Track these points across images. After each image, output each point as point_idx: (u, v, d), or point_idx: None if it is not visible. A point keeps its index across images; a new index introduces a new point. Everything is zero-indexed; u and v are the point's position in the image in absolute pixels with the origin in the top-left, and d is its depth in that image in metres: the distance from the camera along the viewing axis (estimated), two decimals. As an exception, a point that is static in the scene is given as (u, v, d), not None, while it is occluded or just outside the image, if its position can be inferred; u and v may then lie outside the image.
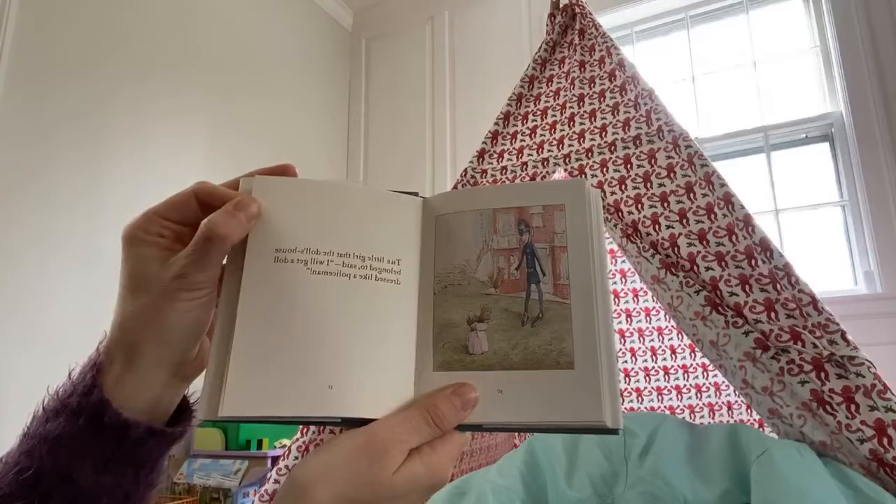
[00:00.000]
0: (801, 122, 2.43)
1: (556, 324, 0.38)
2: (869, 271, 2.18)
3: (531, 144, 1.07)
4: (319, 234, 0.39)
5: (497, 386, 0.37)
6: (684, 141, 0.88)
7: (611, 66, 1.05)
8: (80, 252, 2.00)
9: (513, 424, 0.37)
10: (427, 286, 0.41)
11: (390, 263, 0.40)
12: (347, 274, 0.38)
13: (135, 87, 2.26)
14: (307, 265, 0.38)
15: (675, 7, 2.77)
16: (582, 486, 0.78)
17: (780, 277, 0.73)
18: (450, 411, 0.36)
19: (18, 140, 1.88)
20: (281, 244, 0.38)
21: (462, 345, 0.39)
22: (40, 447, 0.36)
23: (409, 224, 0.42)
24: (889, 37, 2.28)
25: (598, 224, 0.40)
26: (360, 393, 0.37)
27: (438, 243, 0.41)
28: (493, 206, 0.41)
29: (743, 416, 1.23)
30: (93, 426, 0.36)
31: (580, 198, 0.40)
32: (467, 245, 0.41)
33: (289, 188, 0.40)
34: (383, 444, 0.34)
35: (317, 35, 3.35)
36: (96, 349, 0.39)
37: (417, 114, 3.23)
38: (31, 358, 1.82)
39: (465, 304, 0.40)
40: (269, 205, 0.39)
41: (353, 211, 0.40)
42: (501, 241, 0.41)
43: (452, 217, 0.42)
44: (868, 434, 0.61)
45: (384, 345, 0.38)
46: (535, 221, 0.41)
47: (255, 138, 2.80)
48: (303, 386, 0.36)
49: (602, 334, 0.37)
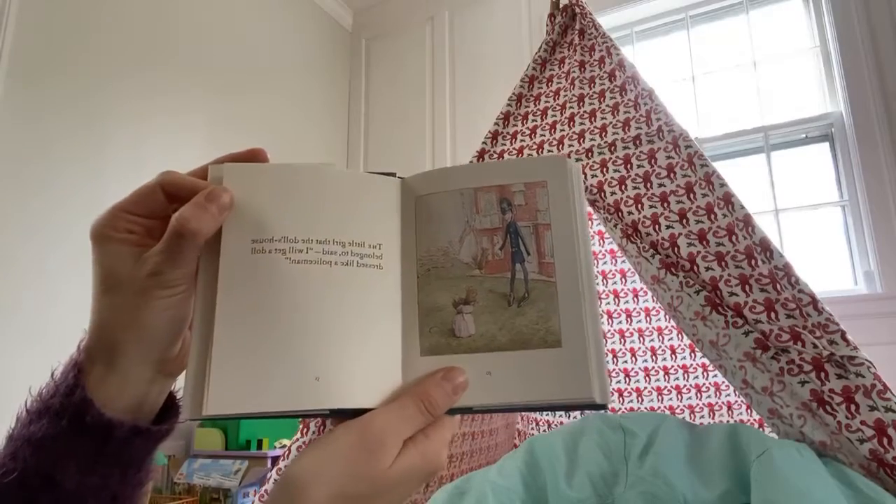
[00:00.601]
0: (801, 122, 2.43)
1: (542, 303, 0.37)
2: (869, 271, 2.18)
3: (531, 144, 1.07)
4: (296, 221, 0.37)
5: (485, 368, 0.37)
6: (684, 141, 0.88)
7: (611, 67, 1.05)
8: (79, 250, 2.00)
9: (503, 405, 0.37)
10: (410, 270, 0.40)
11: (371, 248, 0.39)
12: (328, 262, 0.37)
13: (134, 85, 2.26)
14: (285, 254, 0.37)
15: (675, 7, 2.77)
16: (582, 486, 0.78)
17: (780, 277, 0.73)
18: (441, 397, 0.36)
19: (19, 140, 1.87)
20: (257, 234, 0.37)
21: (448, 328, 0.38)
22: (24, 449, 0.35)
23: (388, 206, 0.41)
24: (889, 37, 2.27)
25: (580, 200, 0.40)
26: (348, 383, 0.36)
27: (419, 225, 0.40)
28: (474, 186, 0.41)
29: (743, 416, 1.23)
30: (76, 427, 0.35)
31: (562, 174, 0.40)
32: (449, 226, 0.40)
33: (261, 174, 0.39)
34: (379, 437, 0.34)
35: (317, 35, 3.35)
36: (77, 348, 0.38)
37: (417, 114, 3.23)
38: (31, 358, 1.82)
39: (449, 287, 0.39)
40: (241, 193, 0.37)
41: (330, 195, 0.39)
42: (484, 220, 0.40)
43: (433, 198, 0.41)
44: (868, 434, 0.61)
45: (369, 332, 0.38)
46: (517, 199, 0.40)
47: (254, 138, 2.79)
48: (288, 379, 0.35)
49: (588, 312, 0.37)
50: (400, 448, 0.34)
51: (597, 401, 0.35)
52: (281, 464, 0.85)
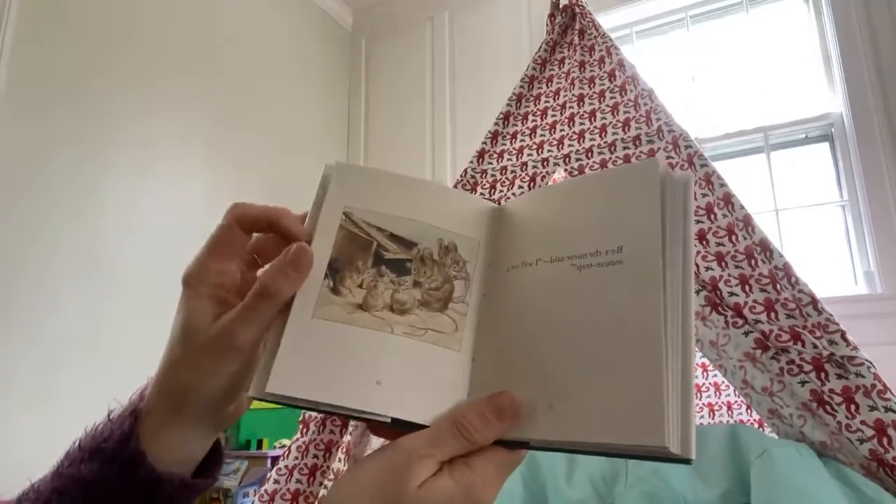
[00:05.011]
0: (801, 122, 2.43)
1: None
2: (869, 271, 2.18)
3: (531, 144, 1.07)
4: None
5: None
6: (684, 141, 0.88)
7: (611, 66, 1.05)
8: (79, 251, 2.00)
9: (565, 444, 0.33)
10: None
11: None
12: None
13: (134, 87, 2.26)
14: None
15: (675, 7, 2.77)
16: (582, 486, 0.78)
17: (780, 277, 0.73)
18: (478, 420, 0.33)
19: (18, 140, 1.87)
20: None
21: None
22: (73, 488, 0.36)
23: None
24: (889, 37, 2.27)
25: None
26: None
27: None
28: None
29: (743, 416, 1.23)
30: (127, 476, 0.36)
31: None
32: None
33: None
34: (406, 457, 0.32)
35: (317, 35, 3.35)
36: (139, 394, 0.39)
37: (417, 114, 3.23)
38: (31, 359, 1.82)
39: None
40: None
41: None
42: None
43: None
44: (868, 434, 0.61)
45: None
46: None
47: (254, 138, 2.80)
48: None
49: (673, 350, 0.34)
50: (434, 471, 0.32)
51: (672, 450, 0.29)
52: (281, 463, 0.85)
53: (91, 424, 0.39)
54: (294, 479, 0.82)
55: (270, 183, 2.81)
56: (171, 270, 2.41)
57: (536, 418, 0.33)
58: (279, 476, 0.83)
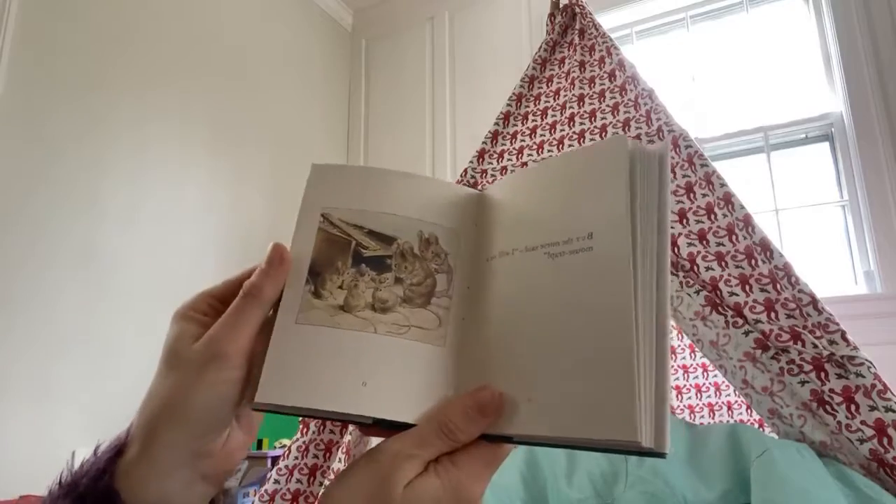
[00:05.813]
0: (801, 122, 2.43)
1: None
2: (869, 271, 2.18)
3: (531, 144, 1.07)
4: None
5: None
6: (684, 141, 0.88)
7: (611, 66, 1.05)
8: (79, 252, 2.00)
9: (548, 438, 0.32)
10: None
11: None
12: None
13: (134, 87, 2.26)
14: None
15: (675, 7, 2.77)
16: (582, 486, 0.78)
17: (780, 277, 0.73)
18: (460, 417, 0.32)
19: (18, 141, 1.87)
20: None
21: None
22: None
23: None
24: (889, 37, 2.27)
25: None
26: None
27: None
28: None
29: (743, 416, 1.23)
30: None
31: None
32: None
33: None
34: (391, 459, 0.32)
35: (317, 35, 3.35)
36: (127, 428, 0.37)
37: (417, 114, 3.23)
38: (30, 359, 1.82)
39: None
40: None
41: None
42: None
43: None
44: (868, 434, 0.61)
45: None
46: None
47: (254, 138, 2.80)
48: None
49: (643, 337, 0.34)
50: (419, 471, 0.32)
51: (644, 445, 0.28)
52: (281, 463, 0.85)
53: (78, 460, 0.37)
54: (294, 479, 0.82)
55: (270, 183, 2.81)
56: (170, 271, 2.40)
57: (518, 412, 0.33)
58: (279, 476, 0.83)
